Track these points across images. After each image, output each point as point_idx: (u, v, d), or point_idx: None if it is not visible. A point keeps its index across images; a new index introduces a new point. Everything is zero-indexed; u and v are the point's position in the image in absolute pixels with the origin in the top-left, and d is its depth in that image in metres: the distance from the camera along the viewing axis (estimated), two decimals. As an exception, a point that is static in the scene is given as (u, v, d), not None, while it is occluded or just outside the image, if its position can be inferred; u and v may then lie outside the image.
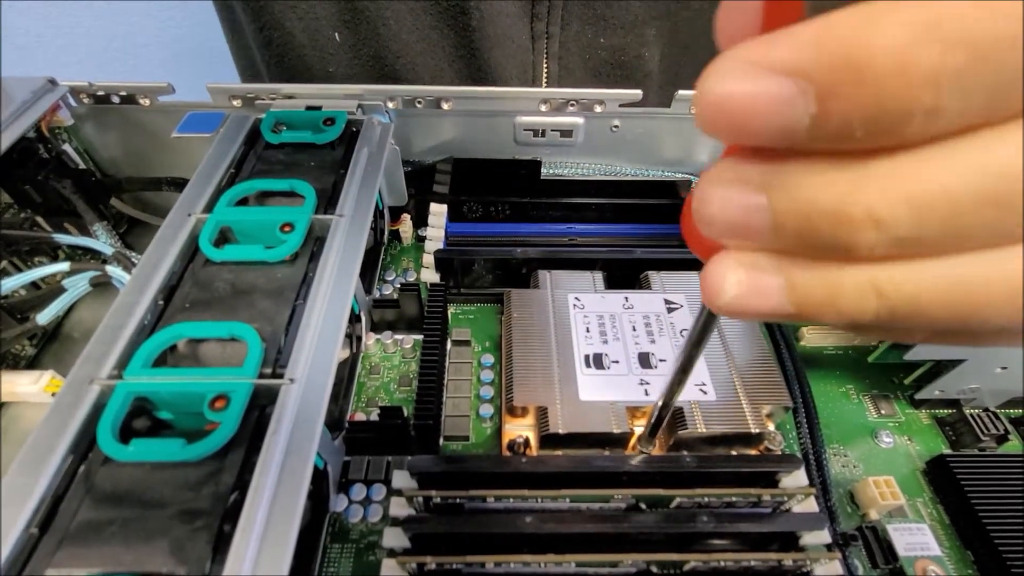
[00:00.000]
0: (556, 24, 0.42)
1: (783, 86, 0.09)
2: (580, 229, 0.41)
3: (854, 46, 0.09)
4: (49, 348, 0.36)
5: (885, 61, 0.09)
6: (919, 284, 0.11)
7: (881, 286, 0.11)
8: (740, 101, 0.10)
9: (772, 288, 0.12)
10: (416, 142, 0.39)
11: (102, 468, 0.20)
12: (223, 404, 0.21)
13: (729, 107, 0.10)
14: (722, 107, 0.10)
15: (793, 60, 0.09)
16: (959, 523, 0.27)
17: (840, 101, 0.09)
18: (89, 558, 0.18)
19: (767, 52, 0.10)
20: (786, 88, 0.09)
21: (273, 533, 0.18)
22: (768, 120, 0.10)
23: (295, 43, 0.43)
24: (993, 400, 0.32)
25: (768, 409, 0.29)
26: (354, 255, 0.27)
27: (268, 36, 0.44)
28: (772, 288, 0.12)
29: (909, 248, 0.10)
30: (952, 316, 0.11)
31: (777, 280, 0.12)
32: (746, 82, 0.10)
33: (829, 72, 0.09)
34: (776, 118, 0.10)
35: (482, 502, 0.24)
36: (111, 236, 0.38)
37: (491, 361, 0.33)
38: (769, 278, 0.12)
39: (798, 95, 0.09)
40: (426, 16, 0.41)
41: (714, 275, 0.12)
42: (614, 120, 0.37)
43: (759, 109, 0.10)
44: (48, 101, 0.34)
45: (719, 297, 0.12)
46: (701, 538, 0.24)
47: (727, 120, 0.10)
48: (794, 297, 0.12)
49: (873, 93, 0.09)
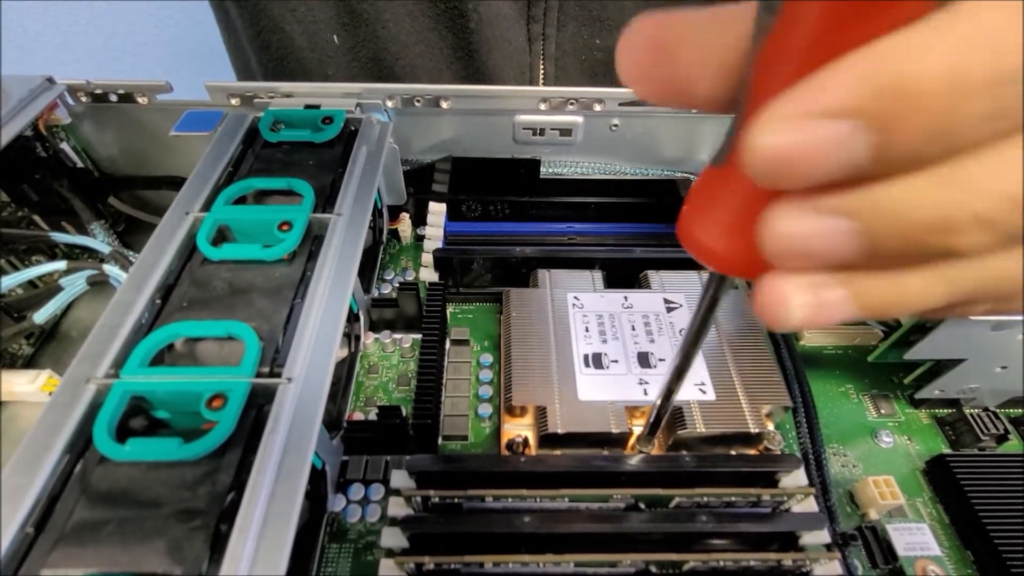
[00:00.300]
0: (552, 26, 0.42)
1: (835, 128, 0.09)
2: (579, 228, 0.41)
3: (903, 75, 0.09)
4: (46, 347, 0.36)
5: (937, 81, 0.09)
6: (983, 269, 0.11)
7: (948, 275, 0.11)
8: (794, 152, 0.10)
9: (838, 301, 0.12)
10: (415, 141, 0.38)
11: (98, 467, 0.20)
12: (220, 403, 0.21)
13: (784, 159, 0.10)
14: (777, 161, 0.10)
15: (844, 101, 0.09)
16: (959, 523, 0.27)
17: (900, 129, 0.09)
18: (85, 558, 0.18)
19: (815, 97, 0.09)
20: (839, 129, 0.09)
21: (270, 533, 0.18)
22: (828, 163, 0.10)
23: (294, 46, 0.43)
24: (993, 400, 0.32)
25: (768, 409, 0.29)
26: (352, 254, 0.27)
27: (266, 40, 0.44)
28: (838, 301, 0.12)
29: (1012, 241, 0.10)
30: (1012, 290, 0.11)
31: (842, 292, 0.12)
32: (796, 133, 0.10)
33: (883, 105, 0.09)
34: (835, 159, 0.10)
35: (481, 502, 0.24)
36: (108, 235, 0.37)
37: (490, 360, 0.33)
38: (834, 292, 0.12)
39: (853, 132, 0.09)
40: (424, 19, 0.41)
41: (776, 299, 0.12)
42: (613, 119, 0.37)
43: (816, 156, 0.10)
44: (46, 99, 0.34)
45: (786, 321, 0.12)
46: (700, 538, 0.24)
47: (785, 172, 0.10)
48: (861, 303, 0.12)
49: (931, 114, 0.09)
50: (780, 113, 0.10)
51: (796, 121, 0.10)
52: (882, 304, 0.12)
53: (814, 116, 0.09)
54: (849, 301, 0.12)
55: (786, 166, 0.10)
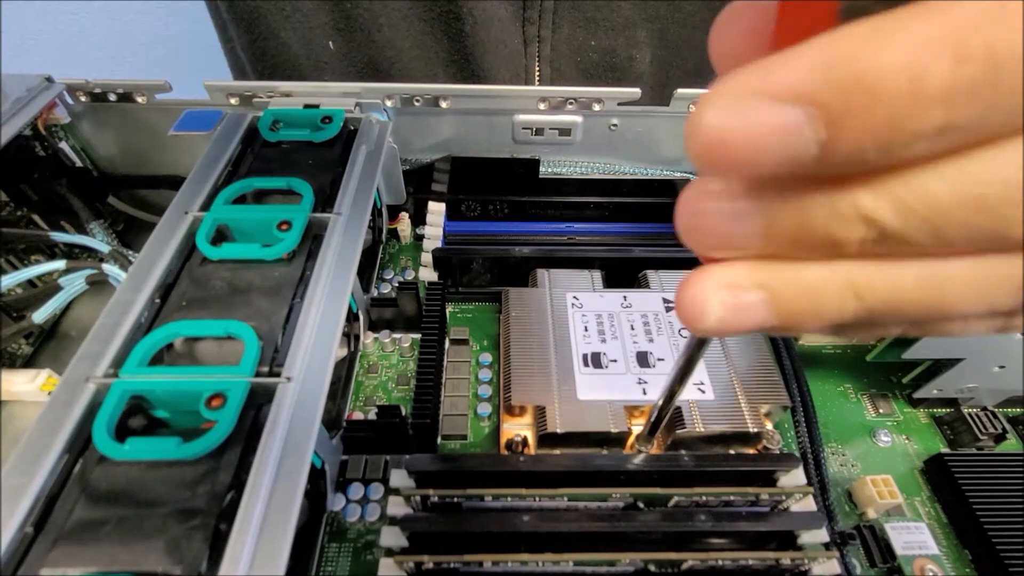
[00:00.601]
0: (547, 27, 0.42)
1: (789, 115, 0.09)
2: (578, 228, 0.41)
3: (864, 66, 0.08)
4: (45, 347, 0.36)
5: (896, 80, 0.08)
6: (894, 284, 0.11)
7: (859, 288, 0.11)
8: (740, 135, 0.09)
9: (755, 303, 0.12)
10: (414, 140, 0.38)
11: (98, 467, 0.20)
12: (219, 403, 0.21)
13: (727, 142, 0.09)
14: (720, 142, 0.09)
15: (799, 85, 0.09)
16: (957, 522, 0.27)
17: (851, 127, 0.08)
18: (84, 557, 0.18)
19: (768, 77, 0.09)
20: (792, 116, 0.09)
21: (270, 532, 0.18)
22: (772, 154, 0.09)
23: (290, 52, 0.43)
24: (991, 399, 0.32)
25: (766, 408, 0.29)
26: (352, 253, 0.27)
27: (262, 47, 0.44)
28: (755, 303, 0.12)
29: (894, 247, 0.10)
30: (924, 313, 0.11)
31: (758, 295, 0.12)
32: (746, 114, 0.09)
33: (839, 95, 0.08)
34: (781, 150, 0.09)
35: (480, 501, 0.24)
36: (108, 234, 0.37)
37: (489, 360, 0.33)
38: (750, 294, 0.12)
39: (805, 123, 0.09)
40: (419, 22, 0.41)
41: (693, 298, 0.12)
42: (612, 119, 0.37)
43: (762, 143, 0.09)
44: (45, 98, 0.34)
45: (703, 321, 0.12)
46: (699, 537, 0.24)
47: (725, 157, 0.09)
48: (777, 309, 0.12)
49: (885, 115, 0.08)
50: (728, 89, 0.09)
51: (745, 99, 0.09)
52: (799, 311, 0.11)
53: (763, 97, 0.09)
54: (767, 305, 0.12)
55: (724, 151, 0.09)
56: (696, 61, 0.46)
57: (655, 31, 0.44)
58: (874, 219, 0.10)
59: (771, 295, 0.11)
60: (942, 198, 0.09)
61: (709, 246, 0.12)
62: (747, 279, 0.12)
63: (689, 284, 0.12)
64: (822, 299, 0.11)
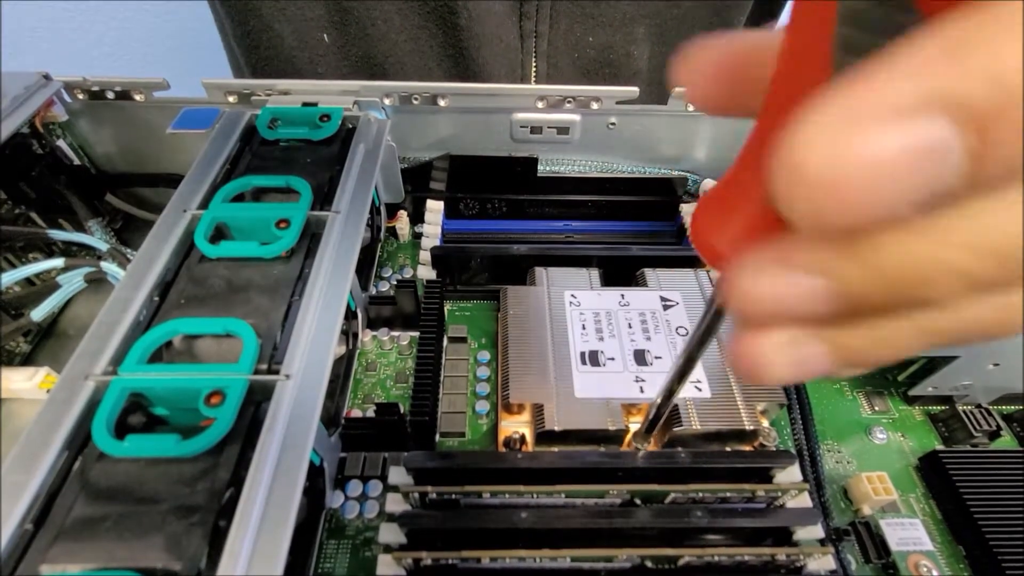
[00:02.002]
0: (545, 23, 0.42)
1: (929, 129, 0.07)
2: (576, 226, 0.41)
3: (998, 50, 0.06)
4: (44, 344, 0.36)
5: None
6: (964, 324, 0.10)
7: (924, 325, 0.10)
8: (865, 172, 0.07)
9: (818, 357, 0.11)
10: (413, 139, 0.38)
11: (97, 464, 0.20)
12: (218, 400, 0.21)
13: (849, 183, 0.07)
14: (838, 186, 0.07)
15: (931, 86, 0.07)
16: (951, 518, 0.28)
17: (1005, 126, 0.07)
18: (84, 554, 0.18)
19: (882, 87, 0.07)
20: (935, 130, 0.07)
21: (268, 529, 0.18)
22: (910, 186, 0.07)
23: (284, 45, 0.43)
24: (985, 396, 0.32)
25: (763, 406, 0.29)
26: (350, 251, 0.27)
27: (256, 39, 0.44)
28: (818, 357, 0.11)
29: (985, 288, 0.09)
30: (982, 338, 0.11)
31: (821, 348, 0.11)
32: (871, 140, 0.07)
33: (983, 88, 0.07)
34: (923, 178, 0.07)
35: (478, 498, 0.24)
36: (106, 232, 0.38)
37: (487, 358, 0.33)
38: (812, 348, 0.11)
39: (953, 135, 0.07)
40: (414, 16, 0.41)
41: (755, 360, 0.12)
42: (611, 117, 0.37)
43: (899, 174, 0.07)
44: (42, 96, 0.34)
45: (770, 380, 0.12)
46: (695, 533, 0.24)
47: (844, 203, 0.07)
48: (840, 356, 0.11)
49: None
50: (833, 111, 0.07)
51: (863, 121, 0.07)
52: (861, 357, 0.11)
53: (888, 112, 0.07)
54: (828, 355, 0.11)
55: (845, 194, 0.07)
56: None
57: (653, 27, 0.44)
58: (966, 270, 0.08)
59: (832, 346, 0.11)
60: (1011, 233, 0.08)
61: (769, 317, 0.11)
62: (807, 335, 0.11)
63: (747, 344, 0.12)
64: (889, 342, 0.11)
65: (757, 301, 0.10)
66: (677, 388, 0.22)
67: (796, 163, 0.07)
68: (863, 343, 0.11)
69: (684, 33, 0.45)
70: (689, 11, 0.44)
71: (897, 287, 0.09)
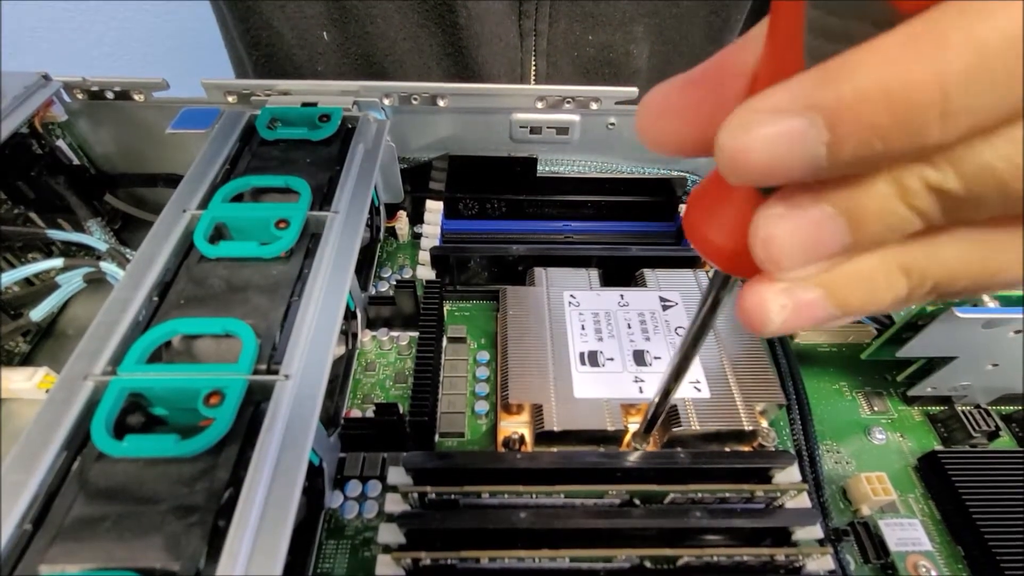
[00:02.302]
0: (544, 22, 0.42)
1: (792, 123, 0.10)
2: (576, 226, 0.41)
3: (852, 74, 0.09)
4: (43, 344, 0.36)
5: (883, 78, 0.09)
6: (939, 258, 0.12)
7: (907, 267, 0.12)
8: (755, 149, 0.10)
9: (814, 300, 0.12)
10: (412, 139, 0.39)
11: (96, 464, 0.20)
12: (218, 400, 0.21)
13: (747, 155, 0.10)
14: (741, 156, 0.10)
15: (796, 97, 0.10)
16: (950, 518, 0.28)
17: (848, 123, 0.09)
18: (83, 554, 0.18)
19: (769, 98, 0.10)
20: (795, 124, 0.10)
21: (267, 529, 0.18)
22: (788, 159, 0.10)
23: (284, 42, 0.43)
24: (984, 397, 0.32)
25: (762, 406, 0.29)
26: (349, 252, 0.27)
27: (256, 36, 0.44)
28: (814, 300, 0.12)
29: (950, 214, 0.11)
30: (971, 282, 0.12)
31: (816, 293, 0.12)
32: (760, 127, 0.10)
33: (833, 99, 0.09)
34: (791, 155, 0.10)
35: (477, 498, 0.24)
36: (105, 232, 0.37)
37: (487, 358, 0.33)
38: (808, 293, 0.12)
39: (809, 127, 0.10)
40: (413, 14, 0.41)
41: (755, 306, 0.13)
42: (610, 117, 0.37)
43: (776, 151, 0.10)
44: (42, 96, 0.34)
45: (768, 325, 0.13)
46: (694, 533, 0.24)
47: (750, 167, 0.10)
48: (835, 300, 0.12)
49: (879, 109, 0.09)
50: (738, 113, 0.11)
51: (754, 116, 0.10)
52: (855, 299, 0.12)
53: (770, 112, 0.10)
54: (824, 300, 0.12)
55: (746, 162, 0.10)
56: (693, 57, 0.46)
57: (652, 26, 0.44)
58: (939, 186, 0.10)
59: (828, 290, 0.12)
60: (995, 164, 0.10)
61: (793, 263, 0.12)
62: (803, 281, 0.12)
63: (749, 293, 0.13)
64: (876, 284, 0.12)
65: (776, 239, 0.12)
66: (674, 387, 0.22)
67: (720, 142, 0.11)
68: (853, 285, 0.12)
69: (683, 32, 0.45)
70: (688, 10, 0.44)
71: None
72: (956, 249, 0.11)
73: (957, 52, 0.08)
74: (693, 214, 0.14)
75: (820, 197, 0.11)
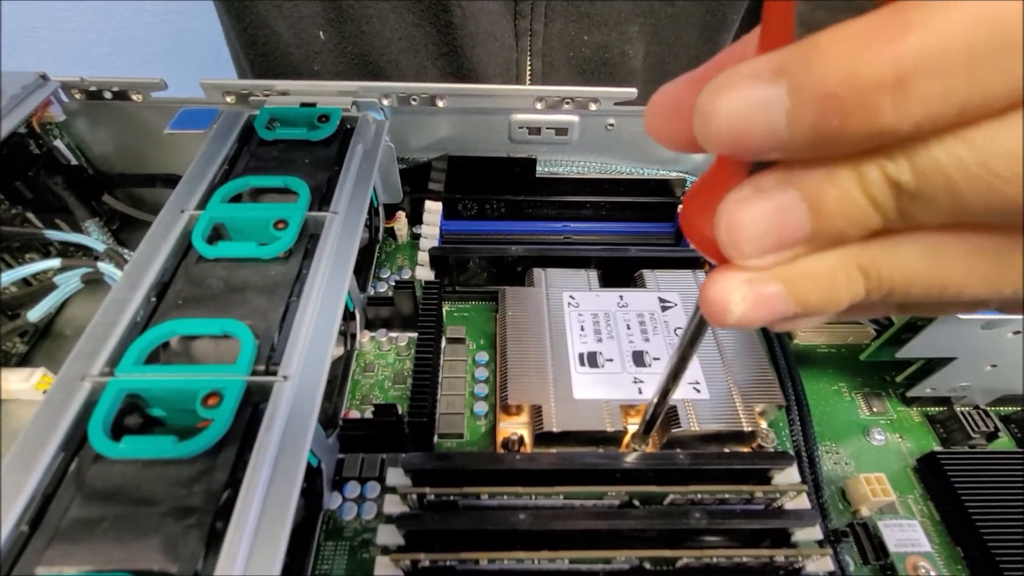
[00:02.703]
0: (540, 21, 0.42)
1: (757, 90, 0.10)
2: (575, 227, 0.41)
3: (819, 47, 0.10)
4: (40, 345, 0.35)
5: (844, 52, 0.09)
6: (898, 260, 0.12)
7: (865, 267, 0.12)
8: (726, 109, 0.11)
9: (774, 295, 0.12)
10: (411, 139, 0.38)
11: (93, 465, 0.20)
12: (216, 401, 0.21)
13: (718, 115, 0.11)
14: (713, 116, 0.11)
15: (768, 64, 0.10)
16: (949, 519, 0.28)
17: (807, 91, 0.10)
18: (80, 556, 0.18)
19: (748, 65, 0.11)
20: (760, 91, 0.10)
21: (266, 530, 0.18)
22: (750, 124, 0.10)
23: (280, 42, 0.43)
24: (983, 398, 0.32)
25: (761, 407, 0.29)
26: (348, 252, 0.27)
27: (253, 35, 0.44)
28: (774, 295, 0.12)
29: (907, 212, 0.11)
30: (928, 289, 0.12)
31: (777, 287, 0.12)
32: (730, 91, 0.11)
33: (799, 66, 0.10)
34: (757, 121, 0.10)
35: (476, 499, 0.24)
36: (103, 233, 0.37)
37: (486, 359, 0.33)
38: (769, 287, 0.12)
39: (773, 95, 0.10)
40: (409, 14, 0.41)
41: (716, 295, 0.13)
42: (609, 118, 0.37)
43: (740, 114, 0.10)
44: (39, 96, 0.34)
45: (727, 316, 0.13)
46: (694, 535, 0.24)
47: (718, 130, 0.11)
48: (795, 297, 0.13)
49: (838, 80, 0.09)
50: (712, 85, 0.11)
51: (729, 80, 0.10)
52: (814, 297, 0.12)
53: (741, 77, 0.10)
54: (784, 295, 0.12)
55: (713, 124, 0.11)
56: (689, 57, 0.46)
57: (648, 26, 0.44)
58: (895, 179, 0.10)
59: (788, 285, 0.12)
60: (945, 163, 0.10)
61: (754, 249, 0.12)
62: (765, 273, 0.12)
63: (712, 283, 0.13)
64: (834, 282, 0.12)
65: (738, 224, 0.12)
66: (672, 388, 0.22)
67: (696, 106, 0.11)
68: (813, 282, 0.12)
69: (679, 32, 0.45)
70: (683, 10, 0.44)
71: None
72: (912, 253, 0.12)
73: (916, 38, 0.09)
74: (689, 208, 0.15)
75: (786, 182, 0.11)
